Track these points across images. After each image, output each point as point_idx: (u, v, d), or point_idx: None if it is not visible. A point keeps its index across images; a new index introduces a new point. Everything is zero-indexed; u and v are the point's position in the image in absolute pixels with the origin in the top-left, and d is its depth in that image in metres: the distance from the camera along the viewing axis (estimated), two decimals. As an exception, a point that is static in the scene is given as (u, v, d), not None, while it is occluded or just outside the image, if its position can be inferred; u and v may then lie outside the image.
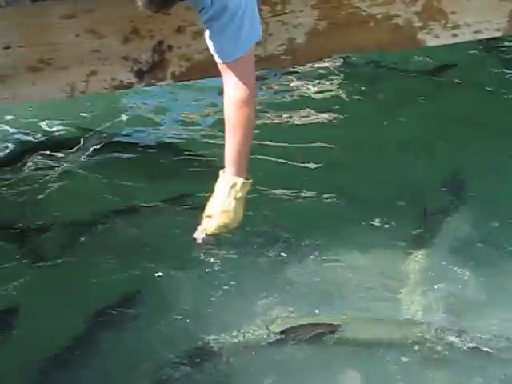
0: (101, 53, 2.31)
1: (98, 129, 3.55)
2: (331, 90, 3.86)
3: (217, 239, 2.56)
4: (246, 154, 2.22)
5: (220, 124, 2.56)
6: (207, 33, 2.13)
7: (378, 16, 2.49)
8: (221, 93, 2.33)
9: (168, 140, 3.53)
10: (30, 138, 3.59)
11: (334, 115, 3.56)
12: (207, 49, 2.13)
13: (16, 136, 3.63)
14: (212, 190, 2.21)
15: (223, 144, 2.24)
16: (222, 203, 2.21)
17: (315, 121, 3.55)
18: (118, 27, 2.33)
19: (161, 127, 3.63)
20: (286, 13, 2.36)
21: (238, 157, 2.18)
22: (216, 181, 2.22)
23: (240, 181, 2.17)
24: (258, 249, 2.77)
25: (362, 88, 3.84)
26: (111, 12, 2.26)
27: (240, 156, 2.18)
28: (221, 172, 2.23)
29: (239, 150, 2.18)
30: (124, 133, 3.57)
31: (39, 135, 3.57)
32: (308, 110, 3.63)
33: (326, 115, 3.57)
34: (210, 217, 2.28)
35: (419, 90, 3.81)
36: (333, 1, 2.48)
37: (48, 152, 3.40)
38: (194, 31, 2.34)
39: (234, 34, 2.10)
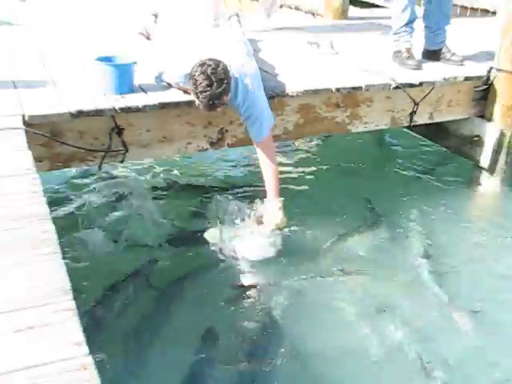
0: (193, 133, 3.77)
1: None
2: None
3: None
4: (278, 187, 3.66)
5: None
6: (246, 125, 3.69)
7: (329, 117, 4.15)
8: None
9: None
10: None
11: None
12: (244, 132, 3.80)
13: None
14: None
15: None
16: (276, 214, 3.64)
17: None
18: (201, 121, 3.74)
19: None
20: (284, 115, 4.00)
21: (276, 188, 3.64)
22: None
23: (280, 200, 3.67)
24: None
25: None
26: (198, 113, 3.61)
27: (277, 188, 3.64)
28: (266, 199, 3.67)
29: (276, 187, 3.64)
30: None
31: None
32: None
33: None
34: (271, 224, 3.66)
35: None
36: (306, 109, 4.04)
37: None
38: (239, 123, 3.80)
39: (258, 127, 3.57)
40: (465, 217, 4.61)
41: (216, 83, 3.22)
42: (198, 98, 3.29)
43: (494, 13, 6.71)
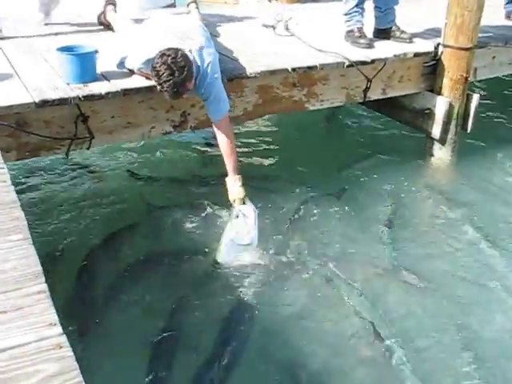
0: (156, 118, 3.75)
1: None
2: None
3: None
4: (237, 165, 3.68)
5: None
6: (205, 105, 3.69)
7: (286, 96, 4.17)
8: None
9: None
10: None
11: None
12: (205, 114, 3.73)
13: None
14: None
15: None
16: (237, 190, 3.65)
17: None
18: (164, 105, 3.71)
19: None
20: (243, 96, 4.03)
21: (234, 166, 3.64)
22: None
23: (239, 177, 3.67)
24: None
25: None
26: (160, 98, 3.53)
27: (236, 165, 3.65)
28: (227, 178, 3.65)
29: (235, 165, 3.65)
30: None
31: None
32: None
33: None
34: (234, 200, 3.67)
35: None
36: (264, 90, 4.07)
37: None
38: (200, 106, 3.78)
39: (216, 106, 3.56)
40: (419, 185, 4.68)
41: (177, 71, 3.20)
42: (162, 87, 3.27)
43: (439, -9, 6.75)
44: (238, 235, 3.60)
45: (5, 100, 3.18)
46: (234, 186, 3.69)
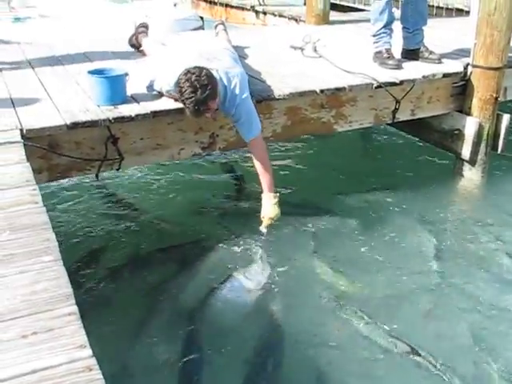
0: (185, 139, 3.76)
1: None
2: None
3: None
4: (273, 183, 3.67)
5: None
6: (237, 127, 3.68)
7: (314, 117, 4.17)
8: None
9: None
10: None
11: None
12: (235, 135, 3.82)
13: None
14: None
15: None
16: (271, 209, 3.68)
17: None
18: (193, 127, 3.73)
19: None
20: (272, 117, 4.03)
21: (271, 185, 3.65)
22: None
23: (275, 195, 3.69)
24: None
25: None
26: (189, 120, 3.58)
27: (271, 183, 3.65)
28: (263, 194, 3.68)
29: (271, 182, 3.65)
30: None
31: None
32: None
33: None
34: (264, 217, 3.71)
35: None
36: (293, 111, 4.07)
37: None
38: (229, 127, 3.81)
39: (248, 126, 3.58)
40: (450, 209, 4.60)
41: (200, 89, 3.22)
42: (184, 104, 3.31)
43: (468, 12, 6.71)
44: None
45: (37, 122, 3.23)
46: (268, 203, 3.70)
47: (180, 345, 3.07)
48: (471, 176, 4.85)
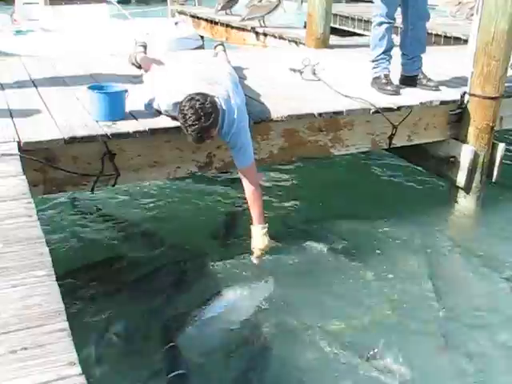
0: (182, 158, 3.76)
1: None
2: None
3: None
4: (262, 213, 3.67)
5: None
6: (231, 151, 3.64)
7: (312, 140, 4.18)
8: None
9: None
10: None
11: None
12: (231, 156, 3.71)
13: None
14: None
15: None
16: (260, 240, 3.67)
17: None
18: (190, 147, 3.71)
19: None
20: (269, 139, 4.05)
21: (260, 216, 3.65)
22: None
23: (263, 226, 3.68)
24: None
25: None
26: (186, 138, 3.44)
27: (260, 213, 3.65)
28: (252, 226, 3.68)
29: (260, 212, 3.65)
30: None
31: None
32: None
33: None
34: (254, 248, 3.72)
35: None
36: (290, 134, 4.08)
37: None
38: (225, 147, 3.76)
39: (242, 154, 3.57)
40: (443, 234, 4.59)
41: (204, 117, 3.22)
42: (187, 131, 3.30)
43: (465, 41, 6.77)
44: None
45: (35, 135, 3.23)
46: (257, 235, 3.70)
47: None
48: (466, 203, 4.86)
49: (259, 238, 3.70)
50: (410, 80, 4.83)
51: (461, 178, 4.74)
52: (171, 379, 2.92)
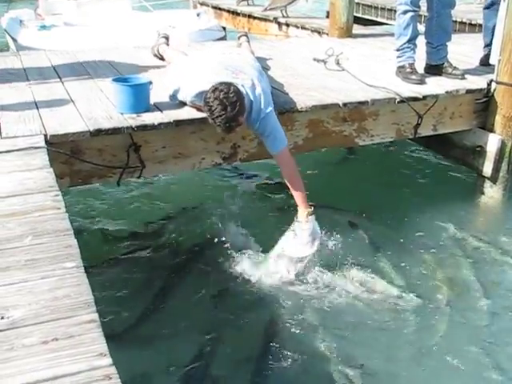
0: (207, 149, 3.78)
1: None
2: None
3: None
4: (306, 198, 3.62)
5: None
6: (262, 139, 3.62)
7: (336, 130, 4.17)
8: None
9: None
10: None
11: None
12: (256, 147, 3.85)
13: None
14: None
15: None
16: (308, 221, 3.59)
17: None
18: (214, 138, 3.75)
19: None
20: (293, 130, 4.04)
21: (302, 198, 3.59)
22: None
23: (310, 210, 3.61)
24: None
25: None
26: (211, 129, 3.52)
27: (303, 197, 3.59)
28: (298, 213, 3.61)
29: (303, 197, 3.59)
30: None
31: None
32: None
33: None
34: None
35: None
36: (315, 124, 4.08)
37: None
38: (250, 138, 3.83)
39: (273, 142, 3.54)
40: (469, 225, 4.55)
41: (230, 106, 3.20)
42: (215, 122, 3.29)
43: (492, 28, 6.67)
44: (291, 247, 3.60)
45: (61, 128, 3.25)
46: (304, 218, 3.63)
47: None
48: (492, 193, 4.80)
49: (306, 220, 3.61)
50: (435, 69, 4.77)
51: (487, 168, 4.68)
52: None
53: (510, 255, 4.12)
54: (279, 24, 8.33)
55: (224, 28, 9.44)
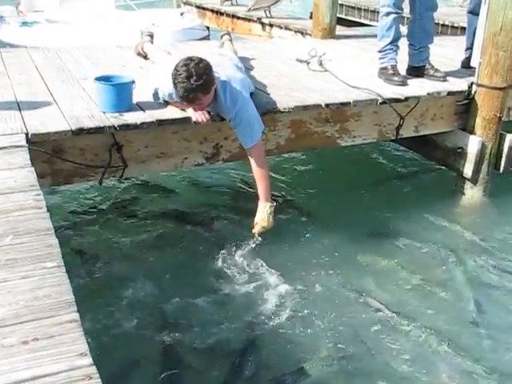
0: (189, 149, 3.77)
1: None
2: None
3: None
4: (269, 191, 3.65)
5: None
6: (237, 131, 3.60)
7: (319, 131, 4.18)
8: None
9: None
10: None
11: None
12: (239, 147, 3.83)
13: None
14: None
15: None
16: (264, 217, 3.63)
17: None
18: (197, 137, 3.75)
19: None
20: (276, 130, 4.04)
21: (266, 192, 3.62)
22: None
23: (271, 204, 3.64)
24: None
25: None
26: (194, 129, 3.67)
27: (267, 191, 3.63)
28: (259, 202, 3.62)
29: (267, 191, 3.62)
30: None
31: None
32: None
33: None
34: (257, 224, 3.66)
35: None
36: (297, 125, 4.08)
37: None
38: (233, 138, 3.81)
39: (249, 131, 3.53)
40: (450, 225, 4.57)
41: (195, 76, 3.22)
42: (176, 87, 3.30)
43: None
44: None
45: (43, 127, 3.24)
46: (262, 211, 3.65)
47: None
48: (472, 194, 4.85)
49: (264, 215, 3.65)
50: (417, 70, 4.81)
51: (468, 169, 4.73)
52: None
53: (489, 254, 4.16)
54: (263, 24, 8.35)
55: (208, 27, 9.44)
